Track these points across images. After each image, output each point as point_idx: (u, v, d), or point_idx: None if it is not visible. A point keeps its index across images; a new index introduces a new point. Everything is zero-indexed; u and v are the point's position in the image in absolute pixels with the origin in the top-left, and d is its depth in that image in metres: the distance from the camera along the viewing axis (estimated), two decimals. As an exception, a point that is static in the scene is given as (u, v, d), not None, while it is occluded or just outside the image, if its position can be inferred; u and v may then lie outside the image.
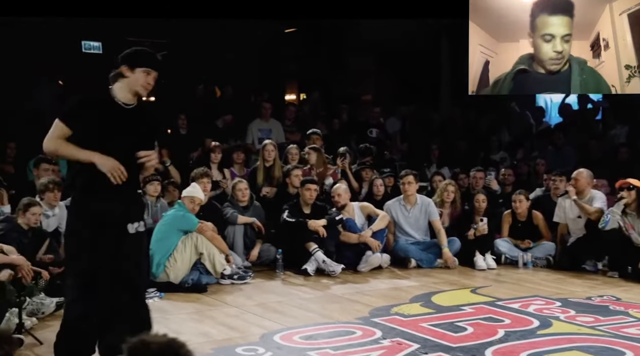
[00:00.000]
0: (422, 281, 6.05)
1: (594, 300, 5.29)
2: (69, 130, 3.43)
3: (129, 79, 3.49)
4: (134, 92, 3.52)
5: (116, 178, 3.37)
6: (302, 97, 12.86)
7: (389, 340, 4.29)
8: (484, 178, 7.56)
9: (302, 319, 4.86)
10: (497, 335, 4.39)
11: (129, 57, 3.51)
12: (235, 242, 6.50)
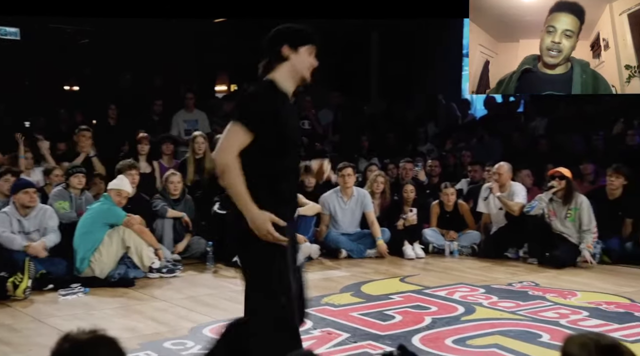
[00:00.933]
0: (352, 272, 6.13)
1: (515, 286, 5.51)
2: (249, 137, 2.67)
3: (293, 61, 2.80)
4: (300, 78, 2.84)
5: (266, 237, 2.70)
6: (233, 88, 12.73)
7: (319, 330, 4.33)
8: (412, 169, 7.72)
9: (233, 312, 4.80)
10: (424, 322, 4.50)
11: (288, 35, 2.82)
12: (165, 236, 6.39)
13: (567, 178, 6.30)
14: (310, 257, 6.57)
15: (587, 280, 5.70)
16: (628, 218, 6.50)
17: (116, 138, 8.20)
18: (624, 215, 6.52)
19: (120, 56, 10.67)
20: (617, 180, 6.52)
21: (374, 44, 12.16)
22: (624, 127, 8.13)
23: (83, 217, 5.74)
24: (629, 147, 7.61)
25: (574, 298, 5.08)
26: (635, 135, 7.61)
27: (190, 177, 7.20)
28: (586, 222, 6.16)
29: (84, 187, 6.31)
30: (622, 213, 6.52)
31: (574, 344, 1.77)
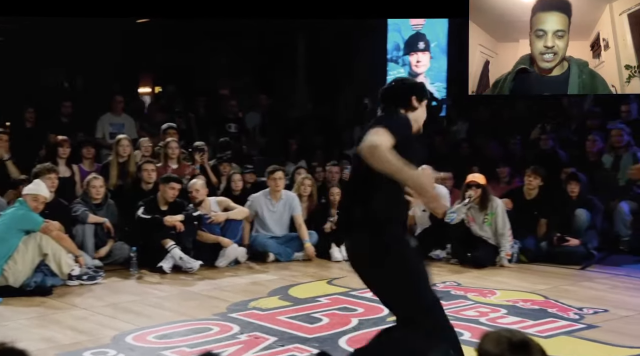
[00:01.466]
0: (280, 275, 6.12)
1: (438, 286, 5.64)
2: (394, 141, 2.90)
3: (418, 111, 3.23)
4: (417, 127, 3.25)
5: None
6: (157, 90, 12.49)
7: (246, 335, 4.30)
8: (339, 172, 7.79)
9: (157, 318, 4.73)
10: (351, 324, 4.55)
11: (417, 89, 3.26)
12: (85, 242, 6.18)
13: (483, 187, 6.52)
14: (238, 260, 6.52)
15: (506, 279, 5.92)
16: (543, 218, 6.80)
17: (33, 141, 7.87)
18: (539, 215, 6.81)
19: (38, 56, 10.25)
20: (534, 181, 6.81)
21: (300, 45, 12.22)
22: (541, 131, 8.50)
23: (-5, 224, 5.47)
24: (543, 150, 7.96)
25: (494, 297, 5.27)
26: (549, 140, 7.97)
27: (113, 181, 7.00)
28: (501, 226, 6.41)
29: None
30: (537, 213, 6.81)
31: (488, 341, 1.86)
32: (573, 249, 6.52)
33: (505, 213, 6.46)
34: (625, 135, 7.25)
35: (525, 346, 1.83)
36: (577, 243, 6.55)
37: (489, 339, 1.87)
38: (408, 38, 12.15)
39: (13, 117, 8.79)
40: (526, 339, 1.85)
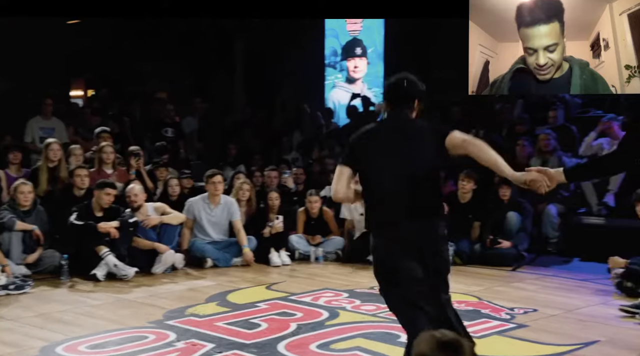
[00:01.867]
0: (218, 281, 6.05)
1: (376, 289, 5.68)
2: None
3: (416, 111, 3.42)
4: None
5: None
6: (90, 93, 12.15)
7: (183, 342, 4.23)
8: (277, 177, 7.78)
9: (90, 327, 4.59)
10: (290, 328, 4.54)
11: (421, 93, 3.42)
12: (12, 250, 5.93)
13: None
14: (175, 266, 6.40)
15: (442, 281, 6.03)
16: (476, 221, 6.98)
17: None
18: (473, 219, 6.99)
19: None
20: (468, 184, 6.98)
21: (238, 49, 12.16)
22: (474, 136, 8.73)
23: None
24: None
25: (430, 298, 5.36)
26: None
27: (43, 187, 6.75)
28: None
29: None
30: (471, 217, 6.99)
31: (421, 342, 1.93)
32: (505, 251, 6.73)
33: None
34: (552, 140, 7.54)
35: (454, 345, 1.89)
36: (508, 245, 6.76)
37: (421, 340, 1.94)
38: (345, 43, 12.29)
39: None
40: (455, 338, 1.92)
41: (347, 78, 12.28)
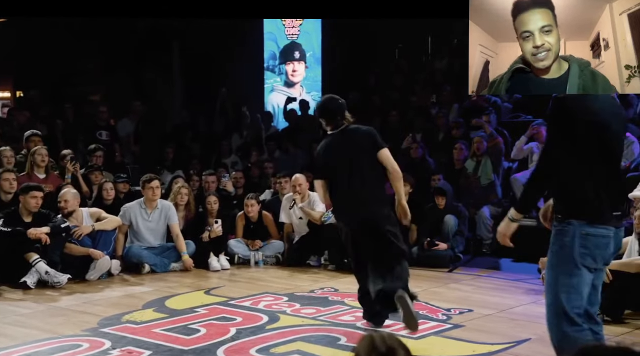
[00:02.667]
0: (156, 286, 5.94)
1: (316, 292, 5.74)
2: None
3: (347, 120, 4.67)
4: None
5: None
6: (19, 94, 11.71)
7: (119, 350, 4.13)
8: (215, 181, 7.71)
9: (20, 337, 4.42)
10: (229, 333, 4.50)
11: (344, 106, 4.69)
12: None
13: None
14: (110, 272, 6.25)
15: (380, 283, 6.12)
16: (413, 224, 7.10)
17: None
18: (410, 221, 7.09)
19: None
20: (404, 188, 7.09)
21: (175, 51, 11.98)
22: (411, 140, 8.90)
23: None
24: (413, 159, 8.34)
25: (369, 300, 5.42)
26: (419, 148, 8.37)
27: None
28: None
29: None
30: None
31: (360, 344, 1.96)
32: (442, 253, 6.88)
33: None
34: (485, 142, 7.80)
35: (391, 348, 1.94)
36: (445, 247, 6.92)
37: (360, 343, 1.97)
38: (283, 47, 12.31)
39: None
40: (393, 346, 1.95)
41: (286, 81, 12.29)
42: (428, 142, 8.76)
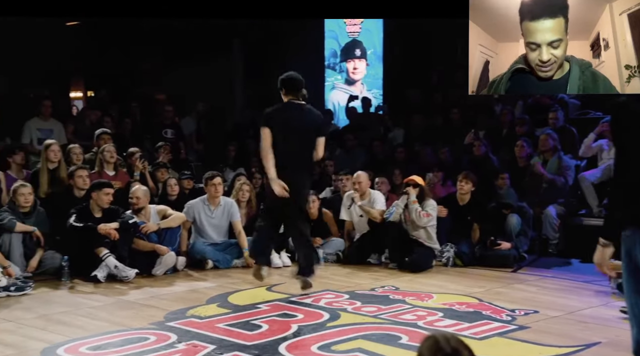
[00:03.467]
0: (219, 282, 6.05)
1: (377, 290, 5.72)
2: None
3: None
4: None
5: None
6: (90, 94, 12.15)
7: (184, 344, 4.23)
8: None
9: (91, 329, 4.59)
10: (291, 330, 4.54)
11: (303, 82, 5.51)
12: (12, 252, 5.92)
13: (420, 186, 6.67)
14: (176, 268, 6.40)
15: (442, 283, 6.05)
16: (475, 223, 6.99)
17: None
18: (472, 220, 6.99)
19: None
20: (466, 185, 6.98)
21: (237, 51, 12.15)
22: (474, 137, 8.75)
23: None
24: (475, 157, 8.19)
25: (430, 300, 5.37)
26: (481, 146, 8.21)
27: (44, 189, 6.75)
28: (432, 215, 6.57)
29: None
30: (470, 218, 6.99)
31: (423, 345, 1.94)
32: (505, 252, 6.73)
33: (435, 212, 6.64)
34: (551, 140, 7.56)
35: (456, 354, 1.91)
36: (508, 246, 6.76)
37: (424, 343, 1.95)
38: (345, 45, 12.30)
39: None
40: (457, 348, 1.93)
41: (347, 79, 12.29)
42: (491, 139, 8.58)
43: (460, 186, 6.99)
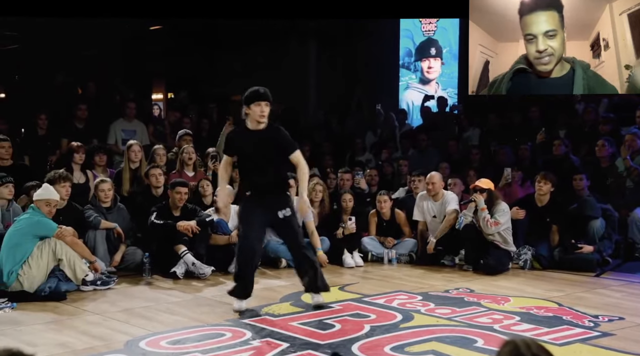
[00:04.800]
0: (292, 281, 6.09)
1: (451, 292, 5.63)
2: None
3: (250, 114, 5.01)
4: (256, 121, 5.02)
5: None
6: (170, 96, 12.56)
7: (258, 341, 4.30)
8: (350, 179, 7.79)
9: (170, 323, 4.75)
10: (364, 330, 4.54)
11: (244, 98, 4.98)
12: (97, 247, 6.20)
13: (488, 190, 6.48)
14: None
15: (519, 286, 5.88)
16: (554, 224, 6.75)
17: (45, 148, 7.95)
18: (551, 222, 6.76)
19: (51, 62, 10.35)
20: (545, 186, 6.75)
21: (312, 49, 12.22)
22: (545, 136, 8.45)
23: (10, 230, 5.50)
24: (555, 156, 7.91)
25: (507, 304, 5.23)
26: (561, 145, 7.92)
27: (126, 187, 7.03)
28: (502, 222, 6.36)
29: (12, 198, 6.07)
30: (549, 220, 6.76)
31: (503, 350, 1.88)
32: (587, 256, 6.47)
33: (509, 214, 6.43)
34: (638, 139, 7.19)
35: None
36: (590, 249, 6.49)
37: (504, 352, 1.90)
38: (419, 44, 12.17)
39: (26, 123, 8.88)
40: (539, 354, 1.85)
41: (421, 79, 12.16)
42: (572, 139, 8.27)
43: (539, 187, 6.77)
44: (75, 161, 7.01)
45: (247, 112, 4.95)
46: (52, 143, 8.07)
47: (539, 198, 6.83)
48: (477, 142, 9.32)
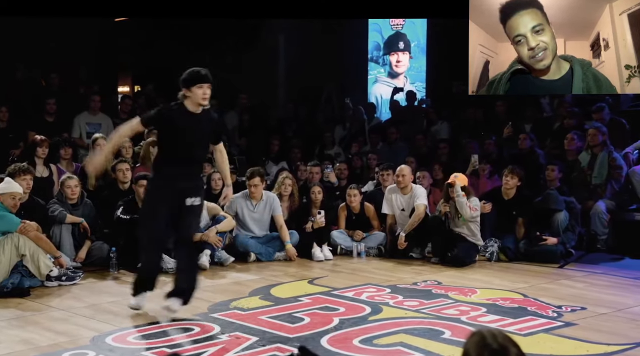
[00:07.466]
0: (261, 275, 6.10)
1: (419, 285, 5.68)
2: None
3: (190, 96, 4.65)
4: (197, 104, 4.66)
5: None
6: (137, 89, 12.38)
7: (227, 335, 4.29)
8: (320, 172, 7.79)
9: (137, 319, 4.69)
10: (332, 323, 4.55)
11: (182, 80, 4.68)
12: (63, 242, 6.10)
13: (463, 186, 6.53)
14: (222, 263, 6.49)
15: (486, 278, 5.97)
16: (520, 217, 6.85)
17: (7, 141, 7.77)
18: (517, 215, 6.86)
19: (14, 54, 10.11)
20: (512, 180, 6.85)
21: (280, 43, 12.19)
22: (512, 130, 8.57)
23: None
24: (520, 150, 8.02)
25: (474, 295, 5.30)
26: (527, 139, 8.04)
27: (92, 182, 6.92)
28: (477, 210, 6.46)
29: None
30: (515, 213, 6.86)
31: (470, 341, 1.91)
32: (551, 248, 6.59)
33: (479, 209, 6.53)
34: (600, 135, 7.34)
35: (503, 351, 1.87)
36: (555, 242, 6.61)
37: (470, 340, 1.92)
38: (388, 38, 12.22)
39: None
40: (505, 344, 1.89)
41: (390, 72, 12.21)
42: (537, 133, 8.39)
43: (506, 181, 6.87)
44: (37, 155, 6.87)
45: (186, 94, 4.60)
46: (15, 137, 7.90)
47: (506, 192, 6.93)
48: (445, 136, 9.40)
